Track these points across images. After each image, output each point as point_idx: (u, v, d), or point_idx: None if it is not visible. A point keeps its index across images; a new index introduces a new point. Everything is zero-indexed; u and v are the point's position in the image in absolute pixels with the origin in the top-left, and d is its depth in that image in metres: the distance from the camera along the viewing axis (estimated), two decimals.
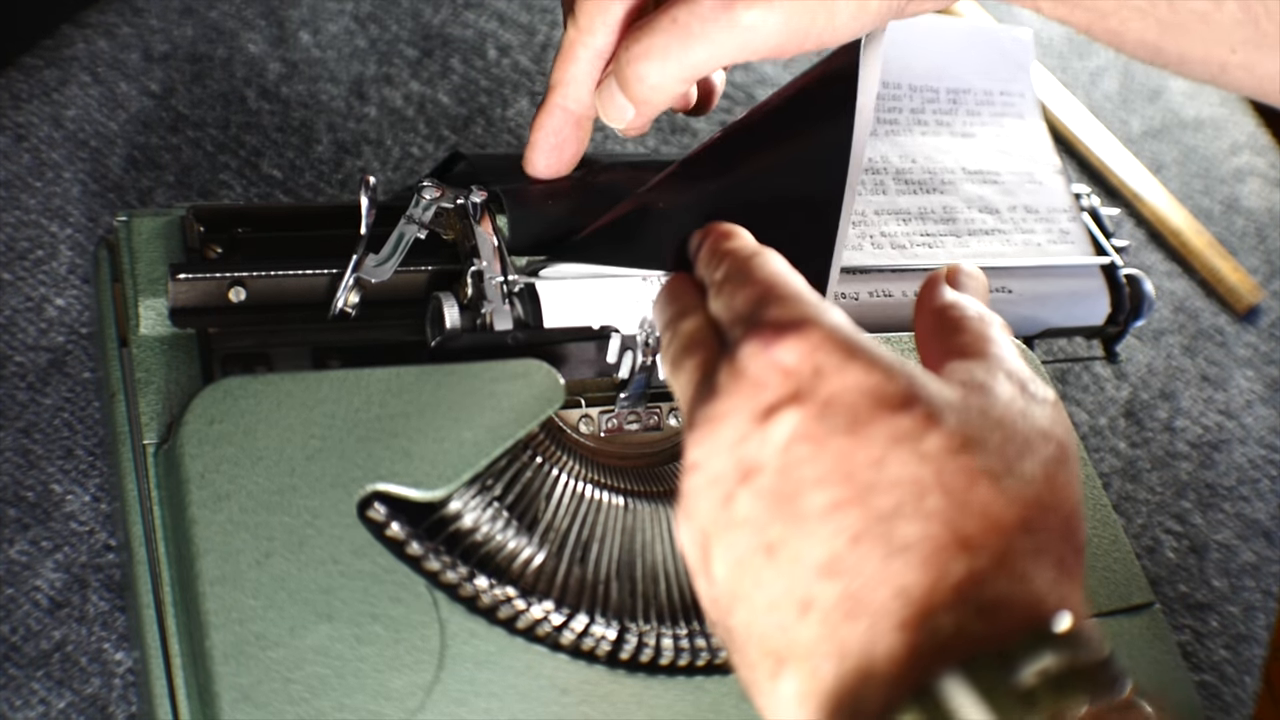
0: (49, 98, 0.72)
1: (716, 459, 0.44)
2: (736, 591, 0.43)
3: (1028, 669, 0.38)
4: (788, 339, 0.44)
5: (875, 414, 0.42)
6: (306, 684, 0.49)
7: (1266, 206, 0.97)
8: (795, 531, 0.42)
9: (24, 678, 0.57)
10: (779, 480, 0.43)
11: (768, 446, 0.43)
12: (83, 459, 0.62)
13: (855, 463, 0.42)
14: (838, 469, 0.42)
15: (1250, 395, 0.87)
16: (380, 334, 0.59)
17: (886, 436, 0.42)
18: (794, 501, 0.42)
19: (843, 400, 0.43)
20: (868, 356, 0.44)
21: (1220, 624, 0.78)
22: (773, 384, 0.44)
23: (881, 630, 0.40)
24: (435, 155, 0.77)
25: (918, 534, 0.41)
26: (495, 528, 0.55)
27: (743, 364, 0.44)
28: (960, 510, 0.41)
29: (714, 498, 0.44)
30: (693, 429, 0.45)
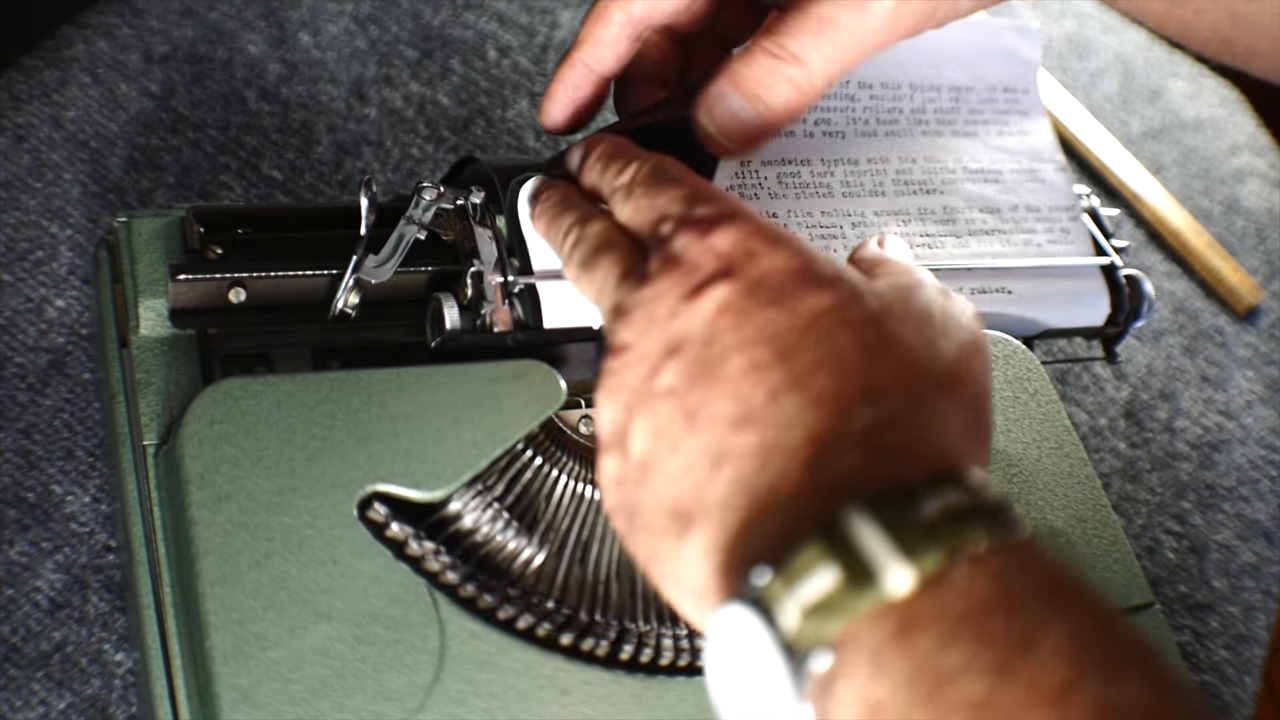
0: (49, 99, 0.72)
1: (646, 337, 0.46)
2: (651, 460, 0.45)
3: (929, 504, 0.39)
4: (722, 226, 0.47)
5: (802, 289, 0.45)
6: (306, 684, 0.49)
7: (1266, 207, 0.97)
8: (715, 393, 0.44)
9: (24, 678, 0.57)
10: (704, 350, 0.45)
11: (696, 319, 0.45)
12: (83, 460, 0.62)
13: (779, 329, 0.44)
14: (761, 334, 0.44)
15: (1250, 395, 0.87)
16: (380, 334, 0.59)
17: (810, 308, 0.45)
18: (717, 366, 0.44)
19: (771, 278, 0.45)
20: (796, 244, 0.47)
21: (1220, 624, 0.78)
22: (705, 264, 0.46)
23: (790, 472, 0.42)
24: (435, 156, 0.77)
25: (832, 386, 0.43)
26: (495, 528, 0.55)
27: (676, 251, 0.47)
28: (873, 364, 0.44)
29: (640, 372, 0.46)
30: (622, 314, 0.47)
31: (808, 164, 0.66)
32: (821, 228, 0.64)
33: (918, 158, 0.68)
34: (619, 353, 0.47)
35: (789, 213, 0.64)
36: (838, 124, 0.67)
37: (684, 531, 0.44)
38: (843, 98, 0.67)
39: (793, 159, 0.65)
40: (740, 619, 0.40)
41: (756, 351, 0.44)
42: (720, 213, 0.48)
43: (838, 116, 0.67)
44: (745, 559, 0.42)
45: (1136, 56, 1.00)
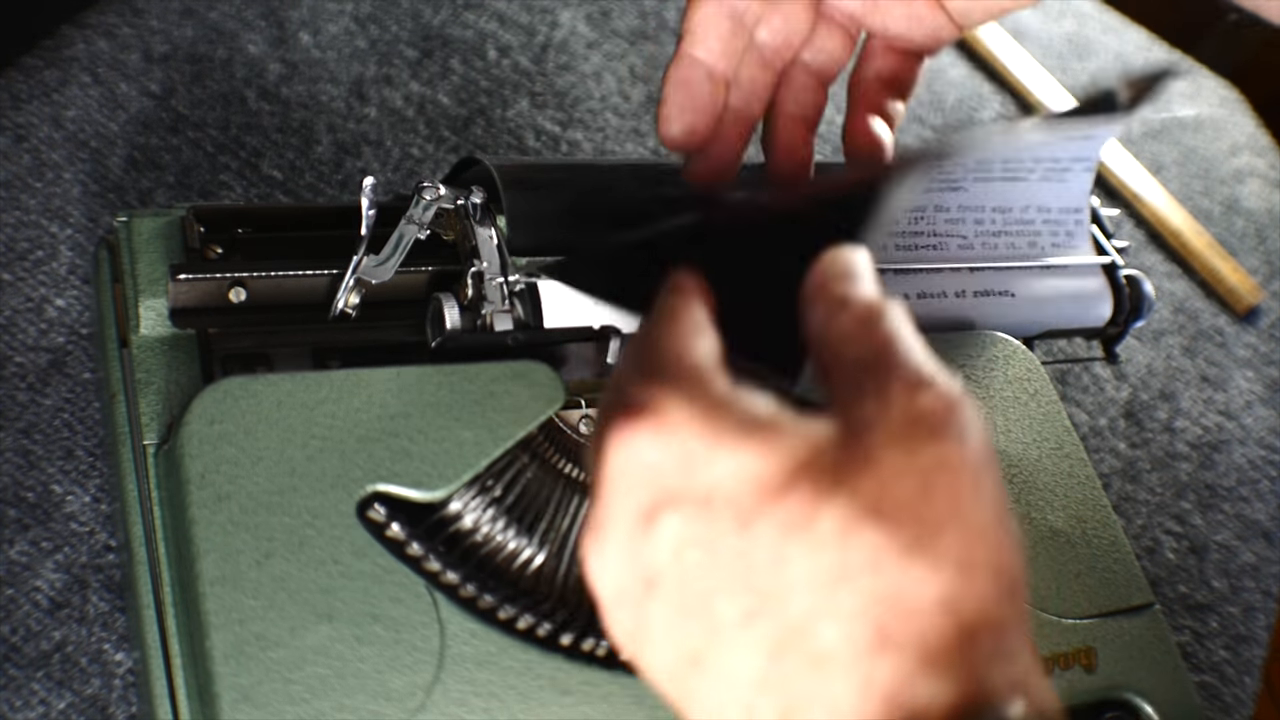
0: (49, 98, 0.72)
1: (615, 573, 0.40)
2: (679, 695, 0.40)
3: None
4: (644, 428, 0.40)
5: (759, 504, 0.38)
6: (306, 684, 0.49)
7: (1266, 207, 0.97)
8: (717, 643, 0.38)
9: (24, 678, 0.57)
10: (683, 589, 0.39)
11: (660, 554, 0.39)
12: (83, 459, 0.62)
13: (753, 565, 0.38)
14: (738, 575, 0.38)
15: (1250, 396, 0.87)
16: (380, 334, 0.59)
17: (776, 529, 0.38)
18: (706, 611, 0.38)
19: (722, 493, 0.38)
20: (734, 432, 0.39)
21: (1220, 624, 0.78)
22: (641, 484, 0.39)
23: None
24: (435, 156, 0.77)
25: (835, 640, 0.37)
26: (495, 528, 0.55)
27: (608, 459, 0.40)
28: (874, 600, 0.37)
29: (628, 612, 0.40)
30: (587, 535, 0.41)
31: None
32: None
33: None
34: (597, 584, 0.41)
35: None
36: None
37: None
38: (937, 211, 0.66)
39: None
40: None
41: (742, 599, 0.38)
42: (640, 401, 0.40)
43: None
44: None
45: (1136, 56, 1.01)
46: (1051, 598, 0.60)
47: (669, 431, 0.39)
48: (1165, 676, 0.61)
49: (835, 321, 0.42)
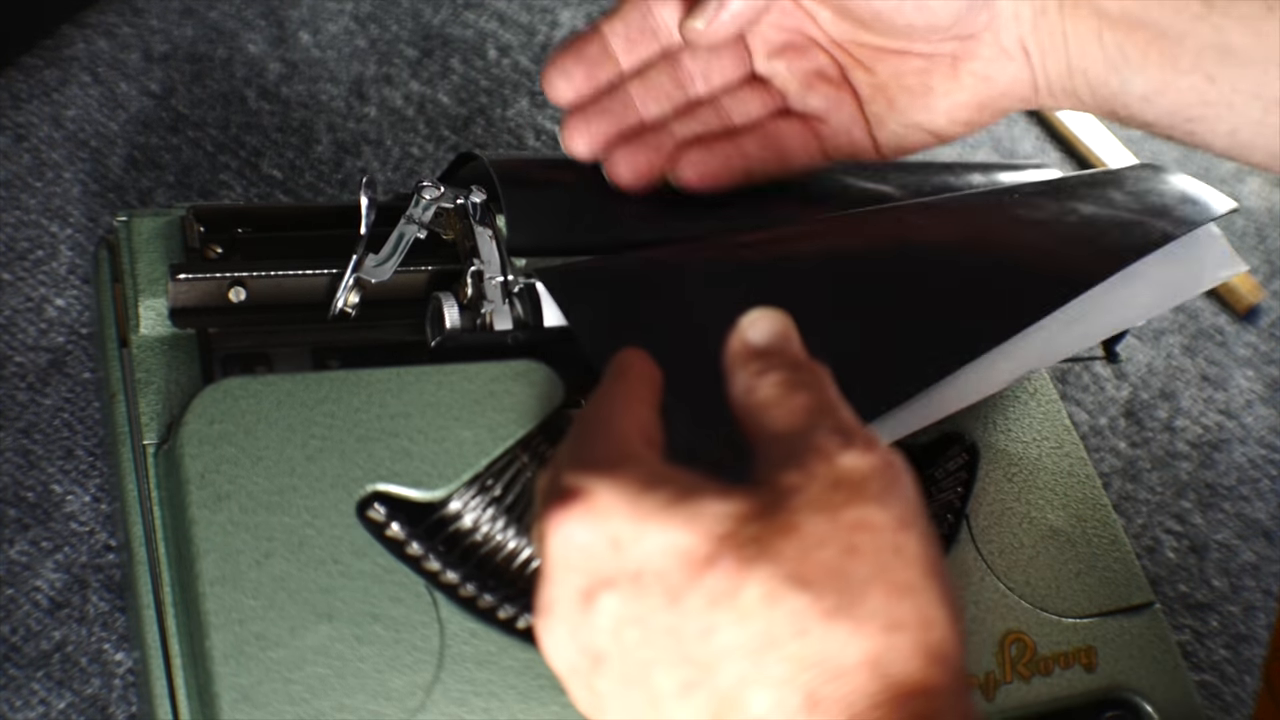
0: (49, 98, 0.72)
1: (563, 652, 0.42)
2: None
3: None
4: (573, 511, 0.40)
5: (686, 579, 0.39)
6: (306, 684, 0.49)
7: (1266, 206, 0.97)
8: (660, 713, 0.40)
9: (24, 678, 0.57)
10: (625, 665, 0.40)
11: (600, 634, 0.40)
12: (83, 459, 0.62)
13: (685, 638, 0.39)
14: (672, 648, 0.39)
15: (1250, 395, 0.87)
16: (380, 334, 0.59)
17: (704, 601, 0.39)
18: (647, 685, 0.40)
19: (650, 570, 0.39)
20: (659, 510, 0.40)
21: (1220, 624, 0.78)
22: (575, 566, 0.41)
23: None
24: (435, 155, 0.77)
25: (768, 704, 0.38)
26: (495, 528, 0.55)
27: (547, 544, 0.41)
28: (800, 665, 0.38)
29: (579, 685, 0.42)
30: (535, 616, 0.43)
31: None
32: None
33: None
34: (551, 661, 0.43)
35: None
36: None
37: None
38: None
39: None
40: None
41: (678, 671, 0.39)
42: (572, 486, 0.41)
43: None
44: None
45: None
46: (1051, 597, 0.60)
47: (597, 514, 0.40)
48: (1165, 676, 0.61)
49: (754, 391, 0.43)
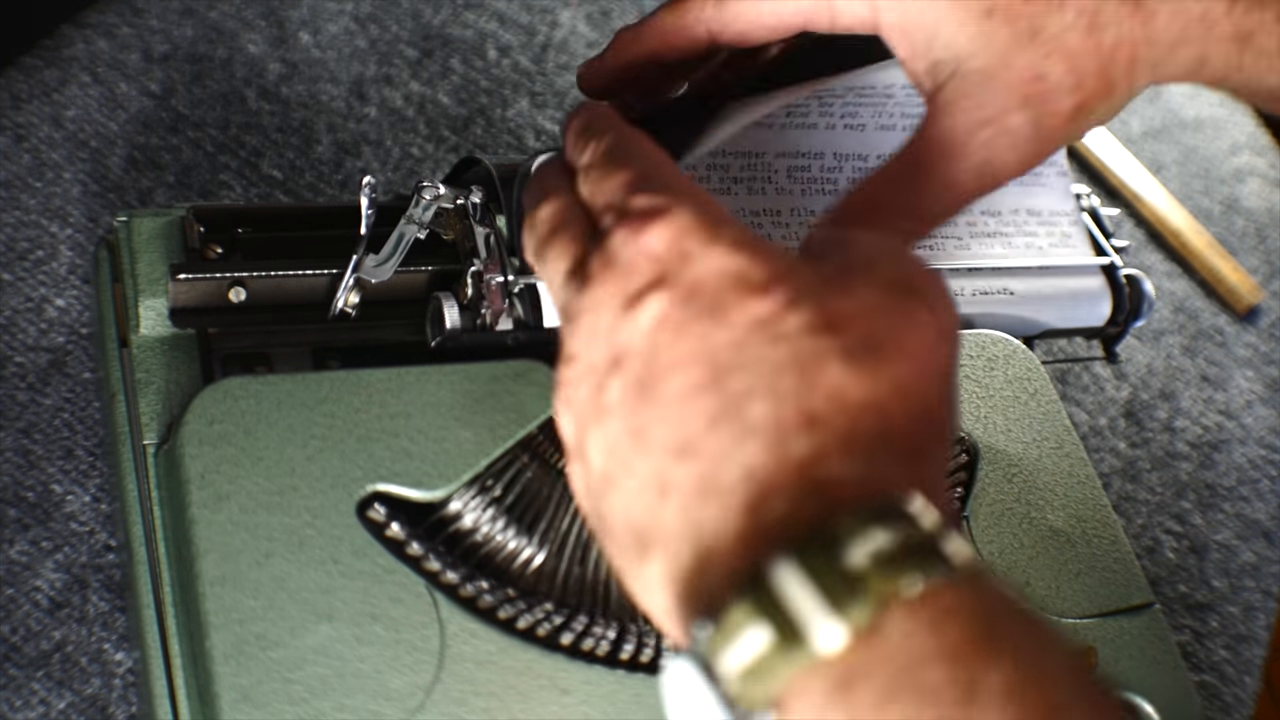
0: (49, 98, 0.72)
1: (591, 348, 0.44)
2: (609, 476, 0.43)
3: (857, 549, 0.36)
4: (654, 225, 0.43)
5: (737, 297, 0.42)
6: (306, 684, 0.49)
7: (1266, 206, 0.97)
8: (658, 415, 0.41)
9: (24, 678, 0.57)
10: (644, 366, 0.42)
11: (635, 333, 0.43)
12: (83, 459, 0.62)
13: (715, 345, 0.41)
14: (697, 352, 0.41)
15: (1250, 395, 0.87)
16: (380, 334, 0.59)
17: (747, 320, 0.41)
18: (658, 386, 0.42)
19: (706, 285, 0.42)
20: (732, 239, 0.43)
21: (1220, 624, 0.78)
22: (640, 270, 0.43)
23: (729, 513, 0.39)
24: (435, 155, 0.77)
25: (767, 413, 0.40)
26: (495, 528, 0.55)
27: (612, 252, 0.44)
28: (810, 388, 0.40)
29: (588, 386, 0.43)
30: (568, 320, 0.45)
31: (820, 157, 0.65)
32: None
33: None
34: (567, 362, 0.45)
35: (793, 211, 0.64)
36: (863, 117, 0.66)
37: (643, 555, 0.42)
38: (880, 96, 0.66)
39: (806, 152, 0.65)
40: (687, 674, 0.38)
41: (692, 372, 0.41)
42: (655, 205, 0.44)
43: (865, 111, 0.66)
44: (695, 603, 0.40)
45: None
46: (1051, 598, 0.60)
47: (676, 229, 0.43)
48: (1165, 676, 0.61)
49: None
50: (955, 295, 0.64)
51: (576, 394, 0.44)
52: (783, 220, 0.64)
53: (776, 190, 0.64)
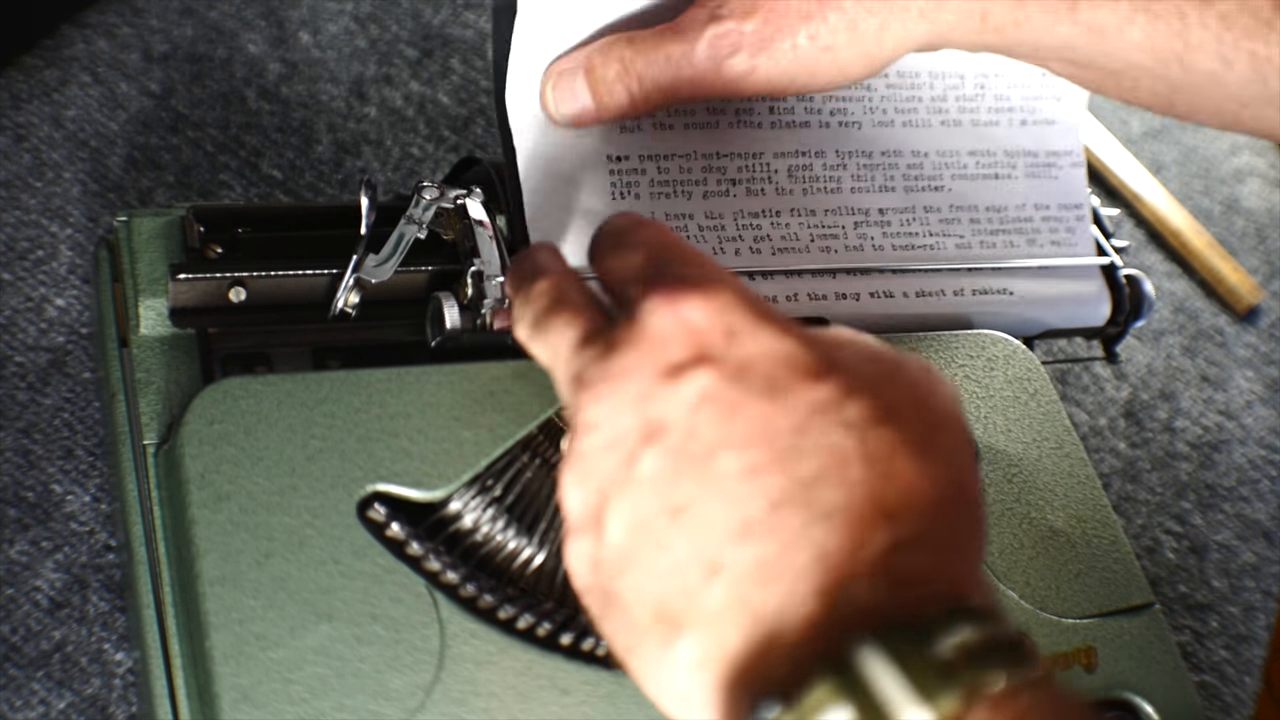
0: (49, 98, 0.72)
1: (618, 417, 0.42)
2: (632, 554, 0.42)
3: (946, 641, 0.37)
4: (694, 297, 0.43)
5: (794, 381, 0.41)
6: (306, 684, 0.49)
7: (1266, 207, 0.97)
8: (707, 493, 0.40)
9: (24, 678, 0.57)
10: (688, 441, 0.41)
11: (675, 405, 0.41)
12: (83, 459, 0.62)
13: (774, 429, 0.41)
14: (755, 434, 0.41)
15: (1250, 396, 0.87)
16: (380, 334, 0.59)
17: (807, 404, 0.41)
18: (705, 463, 0.41)
19: (759, 366, 0.42)
20: (780, 323, 0.42)
21: (1220, 624, 0.78)
22: (678, 341, 0.42)
23: (797, 596, 0.39)
24: (435, 155, 0.77)
25: (840, 501, 0.39)
26: (495, 528, 0.55)
27: (644, 319, 0.43)
28: (883, 480, 0.40)
29: (615, 457, 0.42)
30: (586, 387, 0.43)
31: (821, 156, 0.65)
32: (823, 227, 0.64)
33: (930, 151, 0.67)
34: (585, 431, 0.43)
35: (792, 210, 0.64)
36: (854, 114, 0.66)
37: (670, 637, 0.41)
38: (860, 88, 0.66)
39: (806, 150, 0.65)
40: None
41: (751, 453, 0.40)
42: (696, 277, 0.43)
43: (854, 106, 0.66)
44: (748, 682, 0.39)
45: None
46: (1051, 598, 0.60)
47: (718, 304, 0.42)
48: (1165, 676, 0.60)
49: None
50: (955, 294, 0.65)
51: (596, 465, 0.43)
52: (782, 221, 0.63)
53: (777, 190, 0.64)
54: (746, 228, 0.63)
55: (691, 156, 0.63)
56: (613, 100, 0.57)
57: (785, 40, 0.55)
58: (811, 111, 0.65)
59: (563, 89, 0.58)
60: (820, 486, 0.40)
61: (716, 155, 0.63)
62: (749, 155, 0.64)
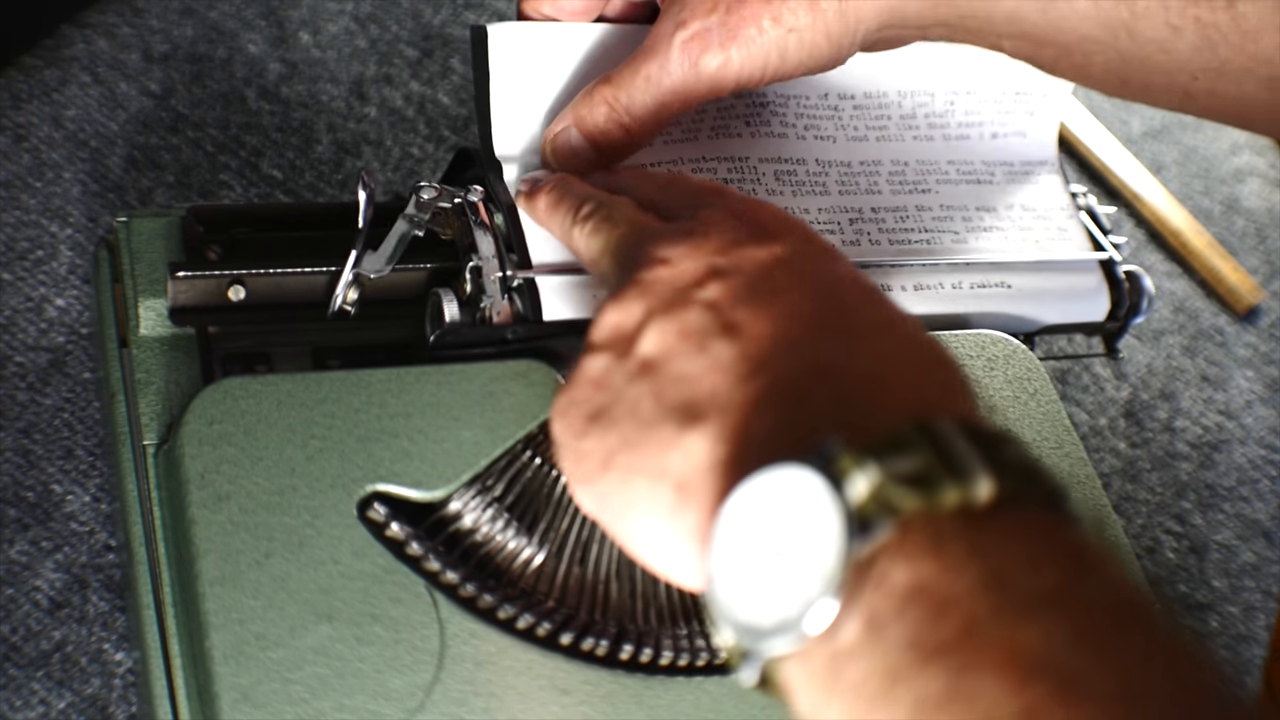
0: (49, 98, 0.72)
1: (690, 259, 0.48)
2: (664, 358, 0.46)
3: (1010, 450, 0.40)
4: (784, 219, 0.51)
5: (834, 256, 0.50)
6: (306, 684, 0.49)
7: (1266, 206, 0.96)
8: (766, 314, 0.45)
9: (24, 678, 0.57)
10: (757, 281, 0.47)
11: (748, 260, 0.47)
12: (83, 459, 0.62)
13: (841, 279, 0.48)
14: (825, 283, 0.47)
15: (1250, 395, 0.87)
16: (380, 334, 0.59)
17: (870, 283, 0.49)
18: (771, 295, 0.46)
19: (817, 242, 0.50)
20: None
21: (1220, 624, 0.78)
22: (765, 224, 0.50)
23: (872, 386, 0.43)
24: (435, 155, 0.77)
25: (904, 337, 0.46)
26: (495, 528, 0.55)
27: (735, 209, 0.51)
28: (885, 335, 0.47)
29: (675, 284, 0.47)
30: (660, 238, 0.49)
31: (803, 163, 0.66)
32: (819, 224, 0.64)
33: (910, 160, 0.68)
34: (652, 264, 0.48)
35: (786, 210, 0.64)
36: (827, 130, 0.67)
37: (688, 423, 0.44)
38: (825, 108, 0.67)
39: (788, 158, 0.65)
40: (793, 481, 0.39)
41: (820, 298, 0.46)
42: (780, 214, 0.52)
43: (826, 124, 0.67)
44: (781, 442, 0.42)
45: None
46: None
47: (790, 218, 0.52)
48: None
49: None
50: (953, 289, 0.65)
51: (653, 289, 0.48)
52: None
53: (766, 192, 0.64)
54: None
55: (678, 161, 0.63)
56: (611, 142, 0.59)
57: (750, 27, 0.58)
58: (787, 125, 0.65)
59: (562, 148, 0.60)
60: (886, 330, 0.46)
61: (703, 159, 0.63)
62: (735, 159, 0.64)
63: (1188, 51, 0.58)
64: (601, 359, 0.48)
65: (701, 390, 0.44)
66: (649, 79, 0.58)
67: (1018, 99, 0.70)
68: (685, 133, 0.64)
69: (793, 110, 0.66)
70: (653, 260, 0.48)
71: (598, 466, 0.46)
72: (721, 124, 0.65)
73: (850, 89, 0.67)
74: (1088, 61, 0.60)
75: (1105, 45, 0.59)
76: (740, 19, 0.58)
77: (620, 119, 0.59)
